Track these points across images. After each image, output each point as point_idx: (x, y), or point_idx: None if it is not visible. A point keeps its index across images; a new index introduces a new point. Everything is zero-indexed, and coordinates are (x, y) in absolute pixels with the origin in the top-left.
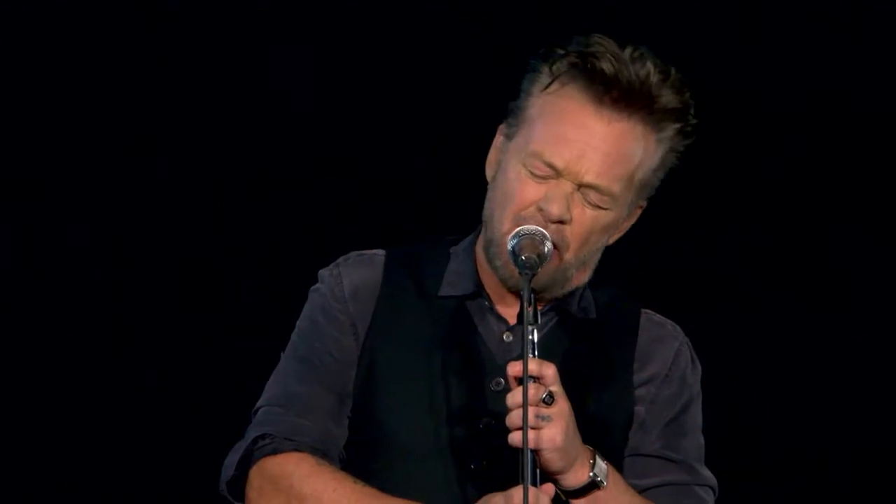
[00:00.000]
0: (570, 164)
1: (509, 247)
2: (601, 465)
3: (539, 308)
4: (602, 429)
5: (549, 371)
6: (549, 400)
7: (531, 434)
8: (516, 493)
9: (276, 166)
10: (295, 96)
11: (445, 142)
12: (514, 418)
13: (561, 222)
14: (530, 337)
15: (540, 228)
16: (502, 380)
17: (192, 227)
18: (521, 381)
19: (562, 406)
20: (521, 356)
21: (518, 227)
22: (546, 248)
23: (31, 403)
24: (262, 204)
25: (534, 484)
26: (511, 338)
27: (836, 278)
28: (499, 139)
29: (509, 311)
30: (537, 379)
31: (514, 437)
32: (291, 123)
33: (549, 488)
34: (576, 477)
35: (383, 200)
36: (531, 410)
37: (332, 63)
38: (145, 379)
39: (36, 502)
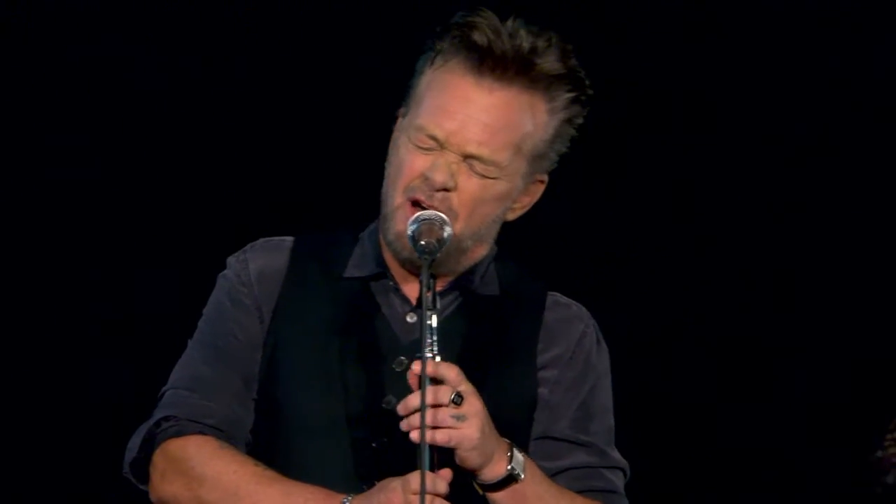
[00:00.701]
0: (450, 136)
1: (409, 232)
2: (518, 457)
3: (440, 288)
4: (505, 411)
5: (451, 373)
6: (459, 400)
7: (448, 434)
8: (413, 477)
9: (197, 157)
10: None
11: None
12: (415, 420)
13: (446, 190)
14: (429, 322)
15: (440, 214)
16: (404, 359)
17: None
18: (420, 380)
19: (474, 403)
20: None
21: (408, 199)
22: (446, 234)
23: None
24: (176, 193)
25: (431, 469)
26: (414, 318)
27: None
28: (398, 121)
29: (414, 291)
30: (437, 381)
31: (415, 435)
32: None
33: (446, 473)
34: (493, 471)
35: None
36: (446, 411)
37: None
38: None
39: None
